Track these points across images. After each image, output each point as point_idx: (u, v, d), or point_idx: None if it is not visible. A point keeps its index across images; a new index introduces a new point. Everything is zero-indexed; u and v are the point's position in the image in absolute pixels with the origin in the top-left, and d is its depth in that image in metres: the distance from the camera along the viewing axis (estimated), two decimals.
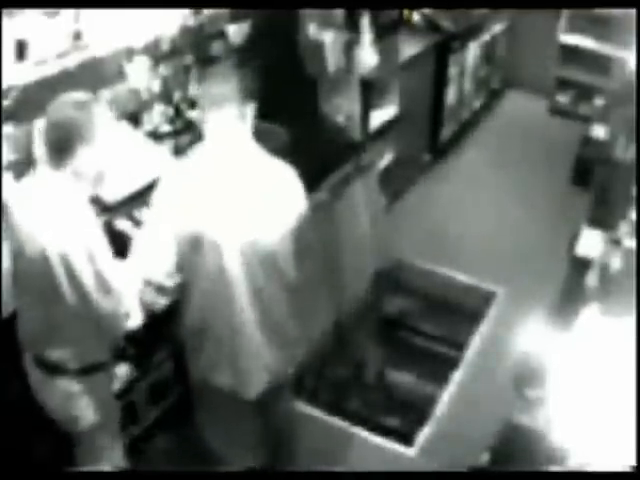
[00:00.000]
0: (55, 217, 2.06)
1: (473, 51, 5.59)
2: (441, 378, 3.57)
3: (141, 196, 2.78)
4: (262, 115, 2.34)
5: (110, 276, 2.11)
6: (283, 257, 2.31)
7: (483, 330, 3.91)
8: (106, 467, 2.47)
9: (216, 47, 3.41)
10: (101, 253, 2.11)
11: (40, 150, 2.21)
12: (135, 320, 2.21)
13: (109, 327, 2.18)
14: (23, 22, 2.55)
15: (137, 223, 2.70)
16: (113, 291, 2.12)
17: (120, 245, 2.35)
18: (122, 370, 2.85)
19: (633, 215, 2.91)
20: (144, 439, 3.03)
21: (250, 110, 2.27)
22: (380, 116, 4.26)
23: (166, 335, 3.01)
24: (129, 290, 2.19)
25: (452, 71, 5.27)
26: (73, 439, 2.47)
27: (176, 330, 2.49)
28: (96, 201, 2.43)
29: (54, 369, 2.25)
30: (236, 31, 3.41)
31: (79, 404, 2.30)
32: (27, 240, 2.09)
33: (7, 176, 2.56)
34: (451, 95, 5.36)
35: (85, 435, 2.43)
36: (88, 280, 2.07)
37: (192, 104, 3.25)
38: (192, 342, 2.43)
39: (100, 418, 2.38)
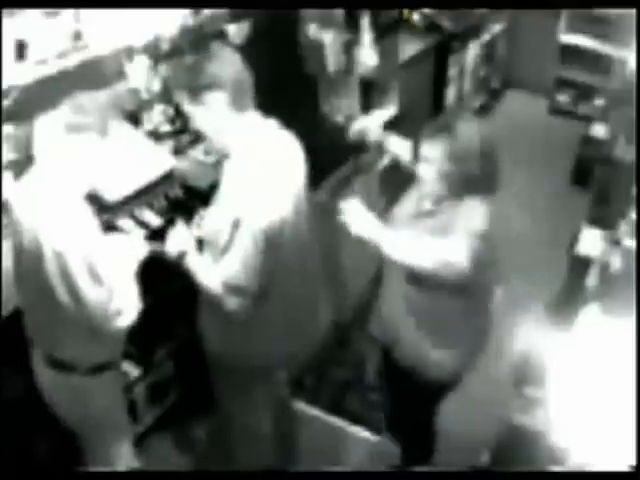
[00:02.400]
0: (50, 214, 2.05)
1: (473, 51, 5.59)
2: None
3: (142, 195, 2.78)
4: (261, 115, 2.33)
5: (103, 271, 2.09)
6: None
7: None
8: (118, 467, 2.47)
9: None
10: (96, 250, 2.09)
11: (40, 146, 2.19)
12: (128, 319, 2.17)
13: (100, 324, 2.13)
14: (23, 22, 2.55)
15: (138, 222, 2.70)
16: (104, 285, 2.09)
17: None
18: (132, 369, 2.85)
19: (633, 215, 2.92)
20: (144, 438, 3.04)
21: (248, 98, 2.20)
22: (380, 116, 4.25)
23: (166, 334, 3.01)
24: (122, 287, 2.15)
25: (452, 71, 5.27)
26: (80, 438, 2.46)
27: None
28: (97, 200, 2.43)
29: (64, 367, 2.24)
30: (236, 31, 3.40)
31: (90, 403, 2.29)
32: (25, 236, 2.08)
33: (7, 175, 2.56)
34: (451, 95, 5.36)
35: (95, 434, 2.42)
36: (81, 277, 2.05)
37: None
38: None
39: (110, 417, 2.38)
